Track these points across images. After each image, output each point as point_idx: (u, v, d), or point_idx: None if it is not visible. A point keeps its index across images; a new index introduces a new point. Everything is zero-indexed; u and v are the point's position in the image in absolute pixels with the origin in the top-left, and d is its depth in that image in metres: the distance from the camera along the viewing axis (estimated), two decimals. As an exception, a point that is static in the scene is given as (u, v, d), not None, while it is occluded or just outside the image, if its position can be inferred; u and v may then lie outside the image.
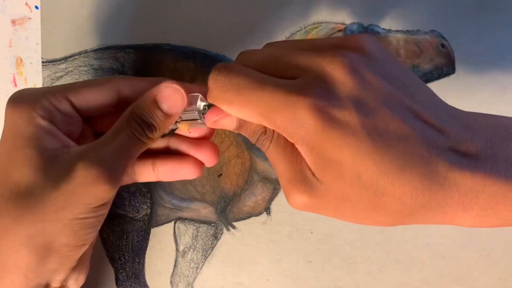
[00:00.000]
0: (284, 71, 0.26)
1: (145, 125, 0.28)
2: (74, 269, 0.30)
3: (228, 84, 0.25)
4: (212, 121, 0.27)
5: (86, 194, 0.26)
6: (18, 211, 0.26)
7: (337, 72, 0.24)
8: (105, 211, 0.29)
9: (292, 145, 0.26)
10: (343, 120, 0.24)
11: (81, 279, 0.32)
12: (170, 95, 0.28)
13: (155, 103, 0.28)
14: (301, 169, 0.25)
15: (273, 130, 0.26)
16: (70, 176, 0.26)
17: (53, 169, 0.27)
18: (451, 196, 0.24)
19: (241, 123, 0.27)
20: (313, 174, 0.25)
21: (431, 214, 0.25)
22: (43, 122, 0.28)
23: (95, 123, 0.32)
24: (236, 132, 0.28)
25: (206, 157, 0.32)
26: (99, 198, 0.27)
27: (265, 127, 0.27)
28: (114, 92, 0.30)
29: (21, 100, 0.28)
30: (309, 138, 0.24)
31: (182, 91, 0.28)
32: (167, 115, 0.28)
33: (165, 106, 0.28)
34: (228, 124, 0.27)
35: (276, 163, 0.26)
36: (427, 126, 0.25)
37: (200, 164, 0.32)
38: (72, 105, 0.29)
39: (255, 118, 0.25)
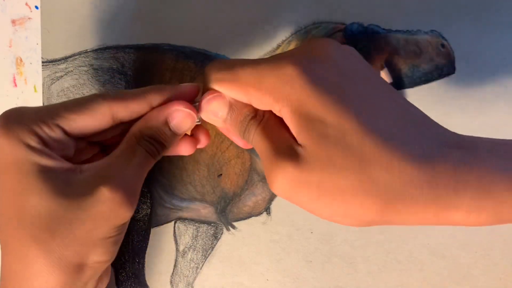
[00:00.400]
0: None
1: (158, 144, 0.29)
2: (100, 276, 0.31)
3: (222, 65, 0.27)
4: (206, 99, 0.28)
5: (114, 217, 0.27)
6: (47, 236, 0.26)
7: (325, 47, 0.27)
8: (127, 225, 0.30)
9: (279, 126, 0.26)
10: (328, 78, 0.25)
11: (106, 281, 0.32)
12: (182, 118, 0.29)
13: (166, 124, 0.29)
14: (285, 141, 0.25)
15: (263, 113, 0.27)
16: (96, 199, 0.26)
17: (72, 191, 0.27)
18: (440, 176, 0.23)
19: (232, 106, 0.28)
20: (297, 142, 0.25)
21: (422, 199, 0.23)
22: (42, 148, 0.27)
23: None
24: (226, 125, 0.29)
25: (200, 136, 0.33)
26: (124, 218, 0.28)
27: (255, 111, 0.27)
28: (108, 117, 0.29)
29: (14, 127, 0.27)
30: (294, 96, 0.25)
31: (193, 114, 0.29)
32: (176, 134, 0.30)
33: (175, 127, 0.29)
34: (220, 106, 0.28)
35: (261, 144, 0.26)
36: (411, 110, 0.26)
37: (194, 142, 0.33)
38: (65, 131, 0.29)
39: (244, 93, 0.27)
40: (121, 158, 0.28)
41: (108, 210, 0.27)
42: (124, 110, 0.29)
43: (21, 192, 0.26)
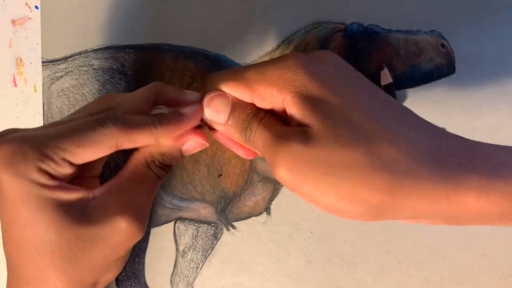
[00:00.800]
0: None
1: (168, 168, 0.30)
2: None
3: (225, 71, 0.28)
4: (209, 97, 0.28)
5: (129, 243, 0.28)
6: (67, 264, 0.27)
7: (321, 52, 0.28)
8: None
9: (281, 122, 0.27)
10: (328, 70, 0.26)
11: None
12: (195, 147, 0.30)
13: (180, 151, 0.30)
14: (287, 129, 0.26)
15: (264, 112, 0.28)
16: (113, 230, 0.27)
17: (87, 220, 0.27)
18: (447, 156, 0.24)
19: (235, 105, 0.28)
20: (301, 124, 0.25)
21: (431, 178, 0.23)
22: (53, 184, 0.27)
23: None
24: (226, 127, 0.29)
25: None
26: (137, 240, 0.29)
27: (258, 110, 0.28)
28: (113, 148, 0.28)
29: (21, 167, 0.26)
30: (298, 82, 0.25)
31: (207, 143, 0.30)
32: (184, 156, 0.31)
33: (186, 152, 0.30)
34: (223, 104, 0.28)
35: (264, 135, 0.27)
36: (409, 110, 0.27)
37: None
38: (70, 163, 0.28)
39: (248, 89, 0.27)
40: (133, 183, 0.29)
41: (125, 239, 0.28)
42: (129, 142, 0.28)
43: (37, 225, 0.27)
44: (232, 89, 0.28)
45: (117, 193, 0.28)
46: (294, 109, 0.26)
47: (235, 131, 0.28)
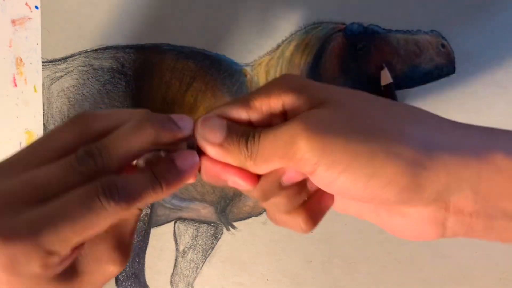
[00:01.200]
0: None
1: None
2: None
3: (218, 106, 0.28)
4: (202, 118, 0.27)
5: (116, 275, 0.29)
6: None
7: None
8: None
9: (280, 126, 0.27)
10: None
11: None
12: None
13: None
14: (301, 114, 0.26)
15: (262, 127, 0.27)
16: (106, 274, 0.28)
17: (80, 273, 0.28)
18: (471, 127, 0.25)
19: (230, 127, 0.26)
20: (316, 100, 0.25)
21: (462, 141, 0.24)
22: (54, 270, 0.26)
23: None
24: (222, 150, 0.27)
25: None
26: None
27: (255, 126, 0.27)
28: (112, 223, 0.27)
29: (24, 268, 0.25)
30: (296, 83, 0.26)
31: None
32: None
33: None
34: (217, 124, 0.26)
35: (273, 131, 0.25)
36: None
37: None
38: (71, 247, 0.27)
39: (245, 105, 0.27)
40: (118, 223, 0.28)
41: (114, 276, 0.28)
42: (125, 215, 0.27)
43: None
44: (228, 110, 0.27)
45: (103, 237, 0.28)
46: (301, 99, 0.25)
47: (235, 148, 0.26)
